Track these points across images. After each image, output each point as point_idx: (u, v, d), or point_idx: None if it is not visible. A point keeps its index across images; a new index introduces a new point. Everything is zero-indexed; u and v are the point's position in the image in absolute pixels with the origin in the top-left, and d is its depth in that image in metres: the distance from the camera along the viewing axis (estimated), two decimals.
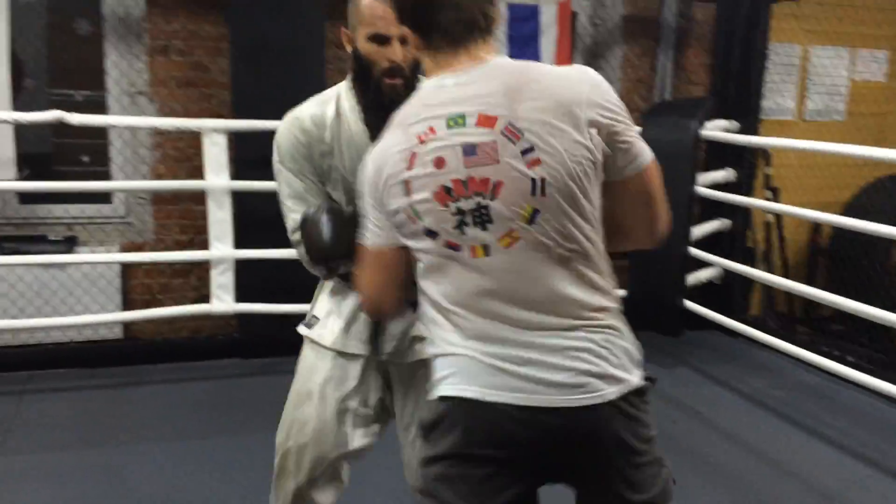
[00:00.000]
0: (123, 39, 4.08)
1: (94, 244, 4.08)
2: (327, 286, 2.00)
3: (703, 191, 4.17)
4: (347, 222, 1.69)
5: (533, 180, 1.31)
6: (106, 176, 4.20)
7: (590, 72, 1.39)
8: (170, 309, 3.98)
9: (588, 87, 1.35)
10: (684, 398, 3.82)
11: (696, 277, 4.41)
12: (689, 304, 4.23)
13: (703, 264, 4.38)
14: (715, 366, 4.31)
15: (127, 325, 4.16)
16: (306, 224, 1.76)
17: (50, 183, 3.88)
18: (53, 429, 3.29)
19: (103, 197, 4.25)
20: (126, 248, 4.14)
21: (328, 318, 1.96)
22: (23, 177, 4.09)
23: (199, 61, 4.13)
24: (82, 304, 3.96)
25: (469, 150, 1.33)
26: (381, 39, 1.69)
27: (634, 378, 1.39)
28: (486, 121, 1.32)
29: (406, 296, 1.55)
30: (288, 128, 1.84)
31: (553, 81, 1.35)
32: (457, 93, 1.36)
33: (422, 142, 1.35)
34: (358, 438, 1.98)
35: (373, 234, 1.47)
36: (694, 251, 4.23)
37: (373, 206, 1.44)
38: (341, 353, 1.94)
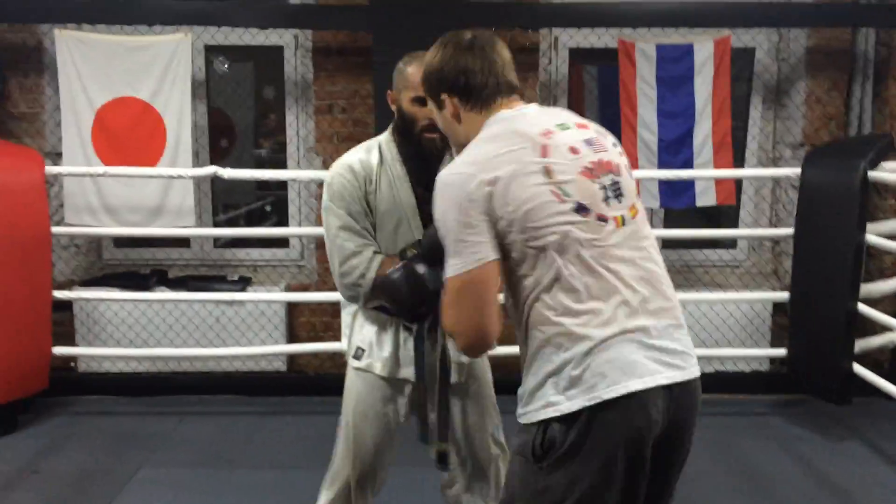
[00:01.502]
0: (297, 101, 4.55)
1: (269, 284, 4.55)
2: (363, 318, 2.21)
3: (875, 241, 3.62)
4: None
5: (626, 166, 1.70)
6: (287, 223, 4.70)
7: None
8: (330, 344, 4.25)
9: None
10: (851, 479, 3.33)
11: (869, 341, 3.82)
12: (858, 368, 3.67)
13: (878, 326, 3.79)
14: (889, 441, 3.70)
15: (291, 359, 4.55)
16: (403, 275, 1.95)
17: (230, 230, 4.42)
18: (200, 447, 3.70)
19: (283, 242, 4.74)
20: (292, 289, 4.55)
21: (374, 349, 2.18)
22: (221, 223, 4.74)
23: (359, 118, 4.48)
24: (249, 338, 4.42)
25: (588, 142, 1.64)
26: (422, 101, 1.92)
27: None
28: (582, 126, 1.69)
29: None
30: (339, 171, 2.11)
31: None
32: (541, 114, 1.71)
33: (548, 137, 1.60)
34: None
35: (473, 253, 1.54)
36: (866, 310, 3.67)
37: (482, 220, 1.53)
38: (391, 380, 2.17)
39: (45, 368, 3.91)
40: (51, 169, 3.85)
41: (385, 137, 2.16)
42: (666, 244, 4.79)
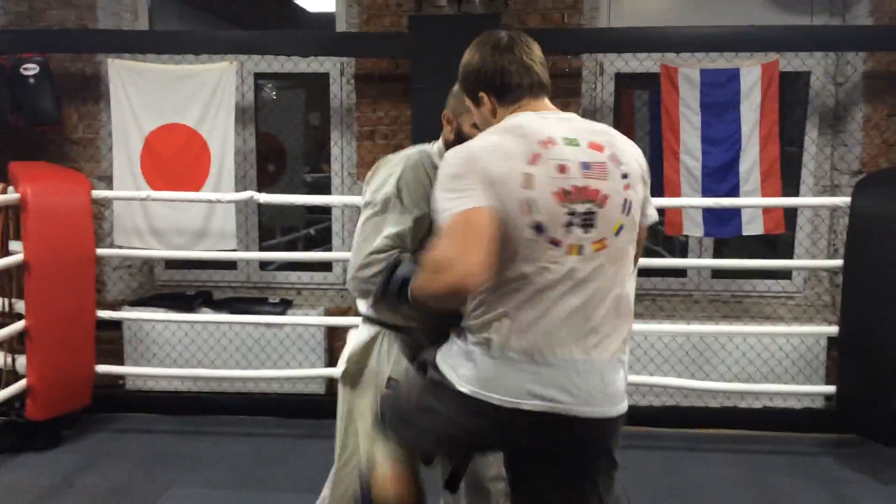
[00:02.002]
0: (341, 127, 4.62)
1: (307, 307, 4.59)
2: (387, 346, 2.16)
3: None
4: None
5: (625, 200, 1.69)
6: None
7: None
8: None
9: (644, 161, 1.79)
10: None
11: None
12: None
13: None
14: None
15: (329, 382, 4.58)
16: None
17: (268, 254, 4.51)
18: (233, 468, 3.75)
19: (327, 266, 4.80)
20: (331, 313, 4.59)
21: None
22: (266, 246, 4.84)
23: (399, 144, 4.49)
24: (287, 360, 4.46)
25: (585, 165, 1.66)
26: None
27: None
28: (596, 146, 1.70)
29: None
30: (416, 162, 2.10)
31: (627, 139, 1.80)
32: (560, 123, 1.72)
33: (545, 147, 1.64)
34: None
35: (468, 199, 1.60)
36: None
37: (475, 178, 1.61)
38: None
39: (88, 386, 4.04)
40: (97, 193, 4.00)
41: (435, 150, 2.16)
42: (716, 273, 4.65)
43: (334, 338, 4.61)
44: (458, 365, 1.71)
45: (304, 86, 5.12)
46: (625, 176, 1.70)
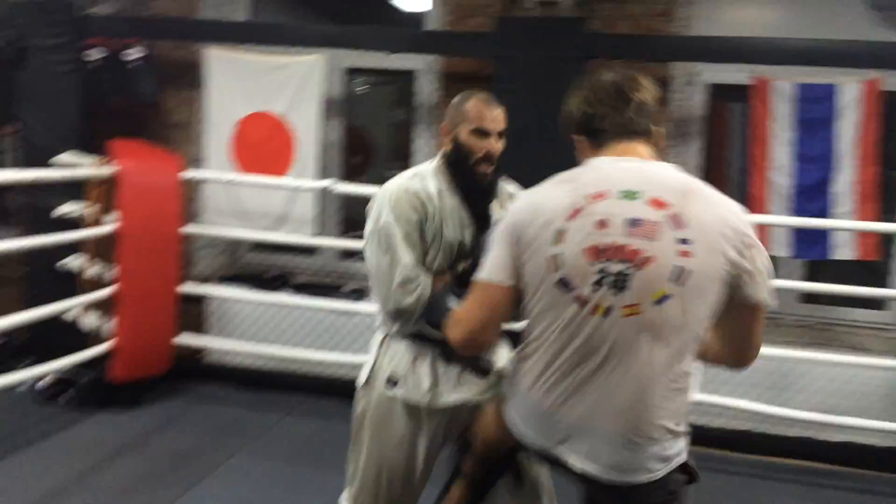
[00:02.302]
0: (425, 124, 4.69)
1: None
2: (396, 346, 2.18)
3: None
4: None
5: (676, 267, 1.52)
6: None
7: (741, 210, 1.63)
8: None
9: (742, 220, 1.60)
10: None
11: None
12: None
13: None
14: None
15: None
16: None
17: (335, 241, 4.64)
18: (294, 445, 3.89)
19: None
20: None
21: (410, 377, 2.15)
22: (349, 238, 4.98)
23: None
24: (357, 346, 4.55)
25: (633, 222, 1.54)
26: (482, 133, 2.10)
27: None
28: (657, 204, 1.55)
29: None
30: (405, 196, 2.11)
31: (719, 201, 1.61)
32: (629, 174, 1.61)
33: (590, 202, 1.58)
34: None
35: (493, 270, 1.69)
36: None
37: (507, 243, 1.66)
38: (430, 409, 2.14)
39: (168, 353, 4.27)
40: (186, 174, 4.22)
41: (431, 169, 2.18)
42: (806, 298, 4.44)
43: None
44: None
45: (393, 82, 5.23)
46: (683, 241, 1.52)
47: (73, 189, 4.09)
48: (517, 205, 1.72)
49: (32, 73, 4.33)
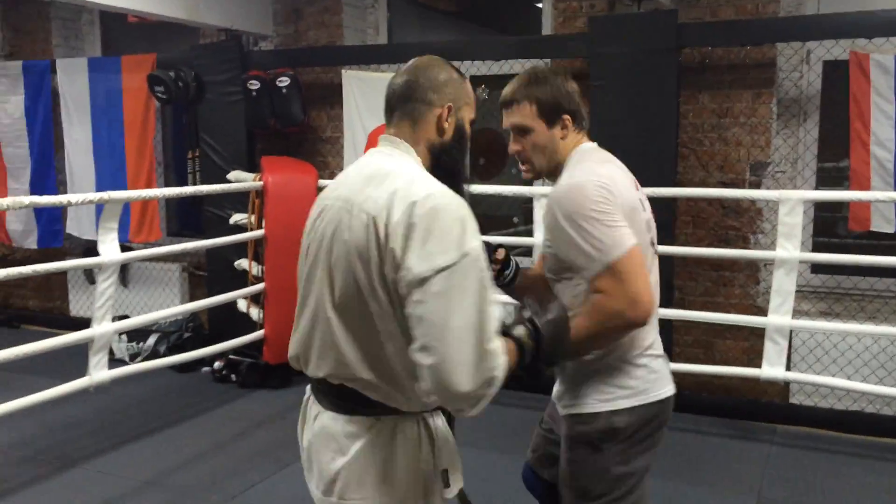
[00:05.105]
0: None
1: None
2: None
3: None
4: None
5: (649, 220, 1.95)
6: None
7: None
8: (717, 368, 4.14)
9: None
10: None
11: None
12: None
13: None
14: None
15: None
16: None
17: None
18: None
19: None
20: None
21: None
22: None
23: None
24: None
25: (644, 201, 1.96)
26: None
27: None
28: (636, 185, 1.95)
29: None
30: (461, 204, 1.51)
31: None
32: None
33: (637, 188, 1.93)
34: None
35: (629, 235, 1.77)
36: None
37: (617, 210, 1.76)
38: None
39: None
40: (322, 182, 4.80)
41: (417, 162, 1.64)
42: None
43: (678, 332, 4.39)
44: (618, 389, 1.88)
45: None
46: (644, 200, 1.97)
47: (244, 200, 4.88)
48: (595, 179, 1.77)
49: (207, 104, 5.20)
